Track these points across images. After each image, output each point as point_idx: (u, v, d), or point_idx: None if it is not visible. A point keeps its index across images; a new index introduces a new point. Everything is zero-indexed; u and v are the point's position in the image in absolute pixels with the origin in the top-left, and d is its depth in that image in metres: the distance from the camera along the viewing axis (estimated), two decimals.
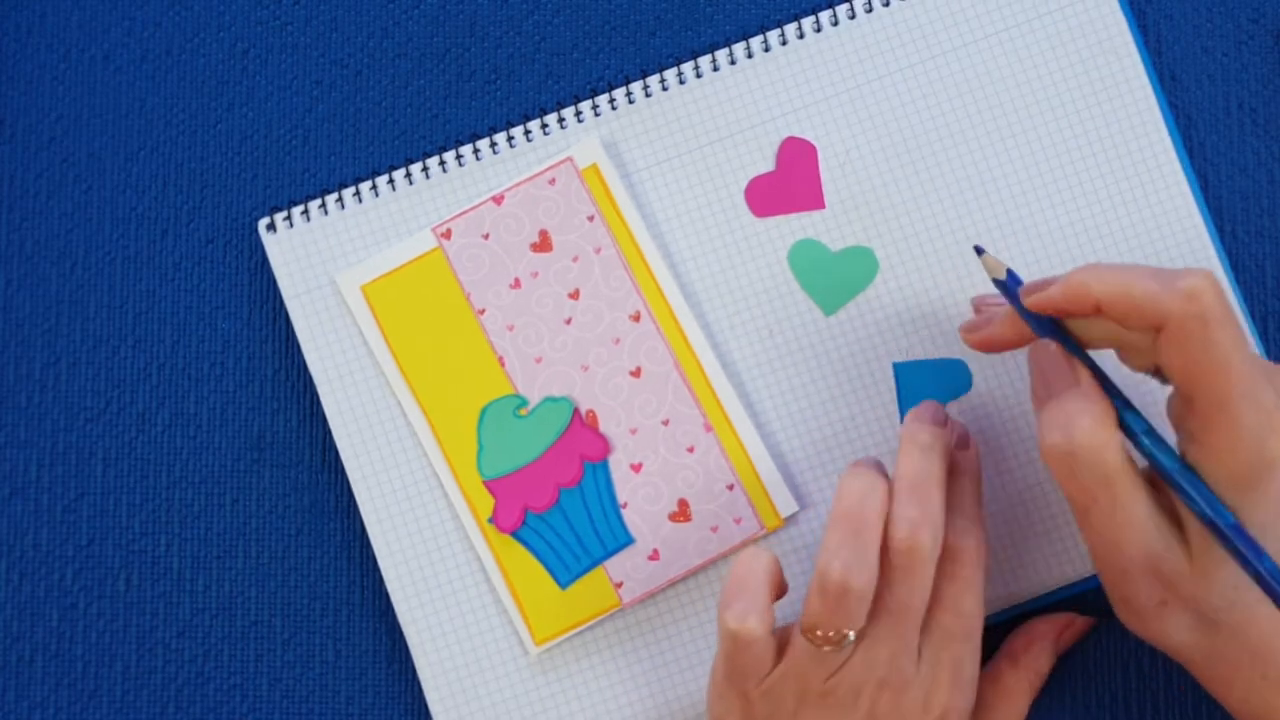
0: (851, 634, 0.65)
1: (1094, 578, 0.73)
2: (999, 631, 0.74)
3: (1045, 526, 0.73)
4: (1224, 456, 0.62)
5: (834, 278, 0.75)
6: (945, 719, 0.67)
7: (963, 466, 0.69)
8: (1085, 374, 0.64)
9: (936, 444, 0.68)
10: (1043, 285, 0.65)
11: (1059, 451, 0.63)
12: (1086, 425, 0.62)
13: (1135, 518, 0.63)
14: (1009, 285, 0.67)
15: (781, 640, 0.67)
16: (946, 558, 0.67)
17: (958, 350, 0.74)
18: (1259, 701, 0.65)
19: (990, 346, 0.70)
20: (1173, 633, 0.65)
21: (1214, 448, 0.62)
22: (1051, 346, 0.65)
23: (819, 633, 0.65)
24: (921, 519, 0.65)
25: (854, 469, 0.67)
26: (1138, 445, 0.64)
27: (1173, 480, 0.63)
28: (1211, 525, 0.61)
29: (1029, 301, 0.65)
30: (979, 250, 0.69)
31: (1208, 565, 0.63)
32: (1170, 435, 0.65)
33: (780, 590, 0.68)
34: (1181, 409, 0.63)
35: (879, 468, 0.68)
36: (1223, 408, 0.61)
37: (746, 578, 0.66)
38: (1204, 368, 0.61)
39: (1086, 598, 0.75)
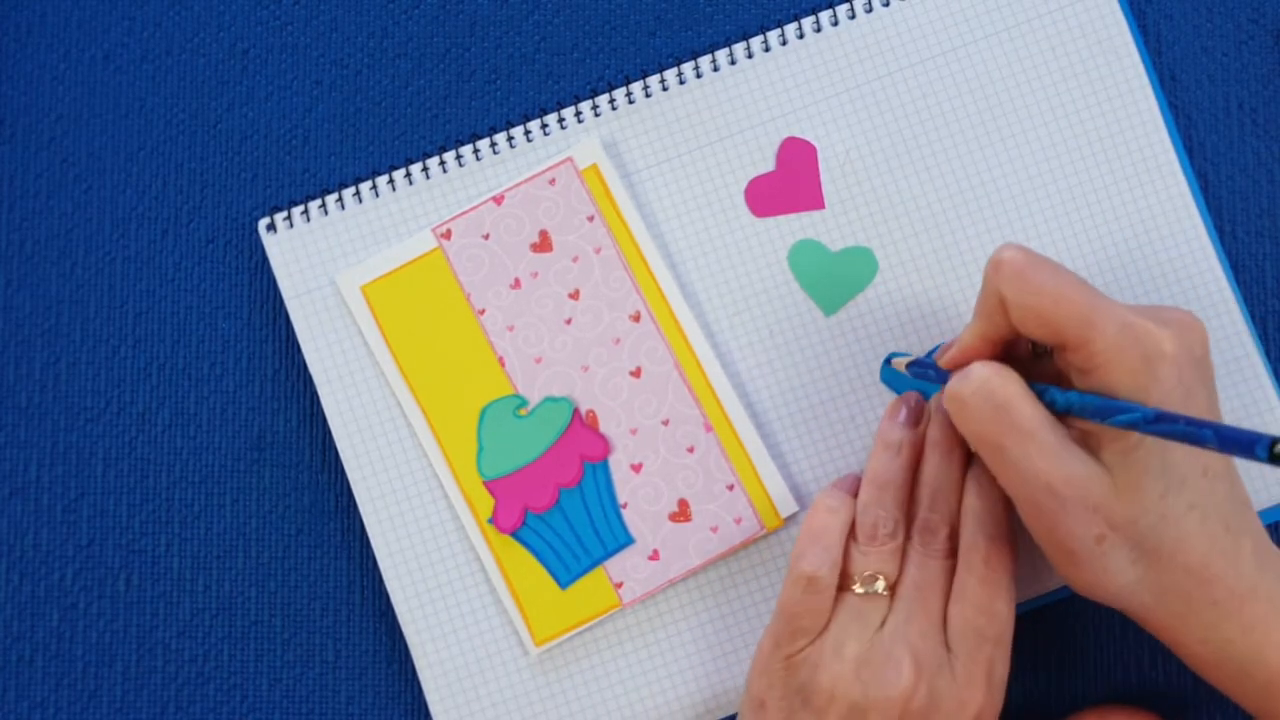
0: (882, 582, 0.69)
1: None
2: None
3: None
4: (1112, 369, 0.63)
5: (834, 278, 0.75)
6: (980, 717, 0.68)
7: (988, 477, 0.70)
8: None
9: (957, 450, 0.70)
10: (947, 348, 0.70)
11: (958, 395, 0.65)
12: (982, 370, 0.65)
13: (1049, 445, 0.64)
14: (922, 368, 0.71)
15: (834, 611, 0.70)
16: (980, 560, 0.68)
17: None
18: (1216, 637, 0.65)
19: (957, 365, 0.71)
20: (1116, 573, 0.65)
21: (1100, 366, 0.63)
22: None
23: (855, 579, 0.69)
24: (939, 519, 0.70)
25: (880, 447, 0.71)
26: (1049, 404, 0.65)
27: (1085, 407, 0.63)
28: (1135, 424, 0.62)
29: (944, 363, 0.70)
30: (888, 360, 0.73)
31: (1130, 479, 0.63)
32: None
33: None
34: (1062, 361, 0.65)
35: (909, 436, 0.72)
36: (1084, 328, 0.63)
37: (822, 532, 0.70)
38: (1045, 308, 0.63)
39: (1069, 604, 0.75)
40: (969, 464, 0.70)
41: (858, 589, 0.69)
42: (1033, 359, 0.69)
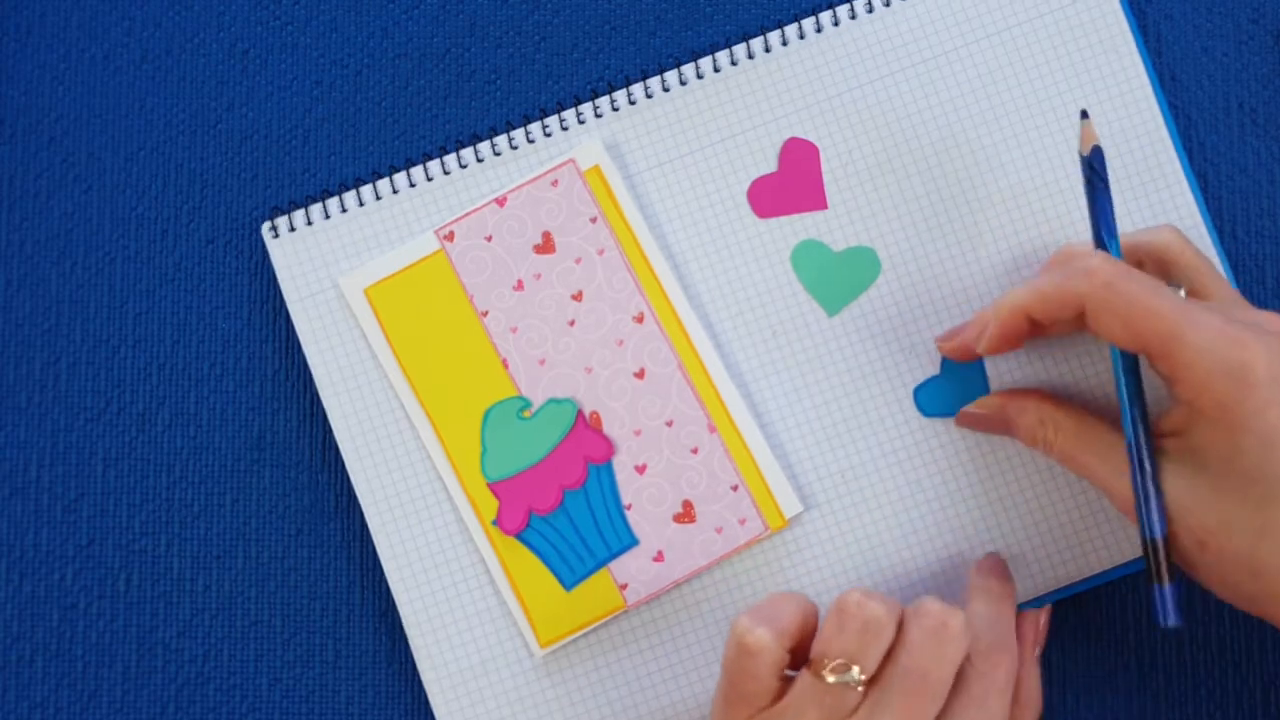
0: (858, 670, 0.63)
1: (1082, 582, 0.74)
2: None
3: (1056, 524, 0.74)
4: (1197, 384, 0.63)
5: (837, 278, 0.75)
6: None
7: (1001, 592, 0.70)
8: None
9: (1006, 594, 0.70)
10: (959, 331, 0.72)
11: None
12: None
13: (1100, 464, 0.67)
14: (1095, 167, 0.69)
15: (788, 685, 0.66)
16: (981, 658, 0.66)
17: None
18: None
19: (963, 354, 0.72)
20: (1226, 573, 0.64)
21: (1183, 380, 0.63)
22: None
23: (827, 661, 0.63)
24: (949, 606, 0.65)
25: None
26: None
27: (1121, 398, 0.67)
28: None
29: (980, 349, 0.70)
30: (1085, 114, 0.69)
31: (1219, 479, 0.64)
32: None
33: (806, 635, 0.66)
34: (1153, 368, 0.65)
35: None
36: (1170, 341, 0.63)
37: (776, 601, 0.66)
38: (1134, 320, 0.63)
39: (1086, 597, 0.75)
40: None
41: (828, 675, 0.64)
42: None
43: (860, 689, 0.63)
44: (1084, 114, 0.68)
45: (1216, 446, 0.63)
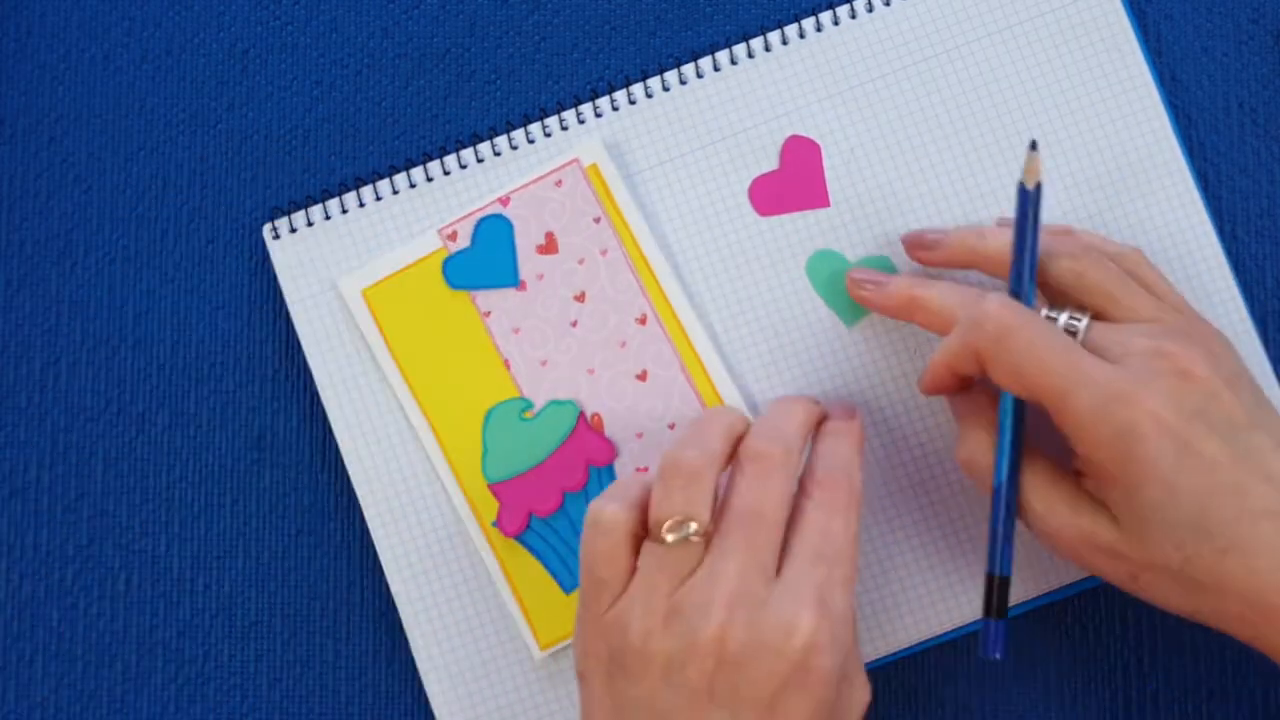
0: (694, 524, 0.64)
1: (1080, 583, 0.74)
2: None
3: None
4: (1089, 443, 0.63)
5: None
6: (814, 653, 0.62)
7: (843, 429, 0.70)
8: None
9: (812, 408, 0.71)
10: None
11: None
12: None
13: (1052, 500, 0.65)
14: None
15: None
16: (815, 486, 0.66)
17: None
18: None
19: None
20: (1165, 598, 0.64)
21: (1076, 438, 0.64)
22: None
23: (662, 524, 0.64)
24: (773, 435, 0.66)
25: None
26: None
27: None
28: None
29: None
30: (1033, 145, 0.68)
31: (1133, 527, 0.63)
32: None
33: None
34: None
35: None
36: (1059, 399, 0.63)
37: (623, 480, 0.68)
38: (1026, 376, 0.64)
39: (1070, 603, 0.75)
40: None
41: (667, 536, 0.64)
42: None
43: (699, 541, 0.64)
44: (1033, 145, 0.68)
45: (1124, 500, 0.63)
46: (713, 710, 0.62)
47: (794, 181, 0.75)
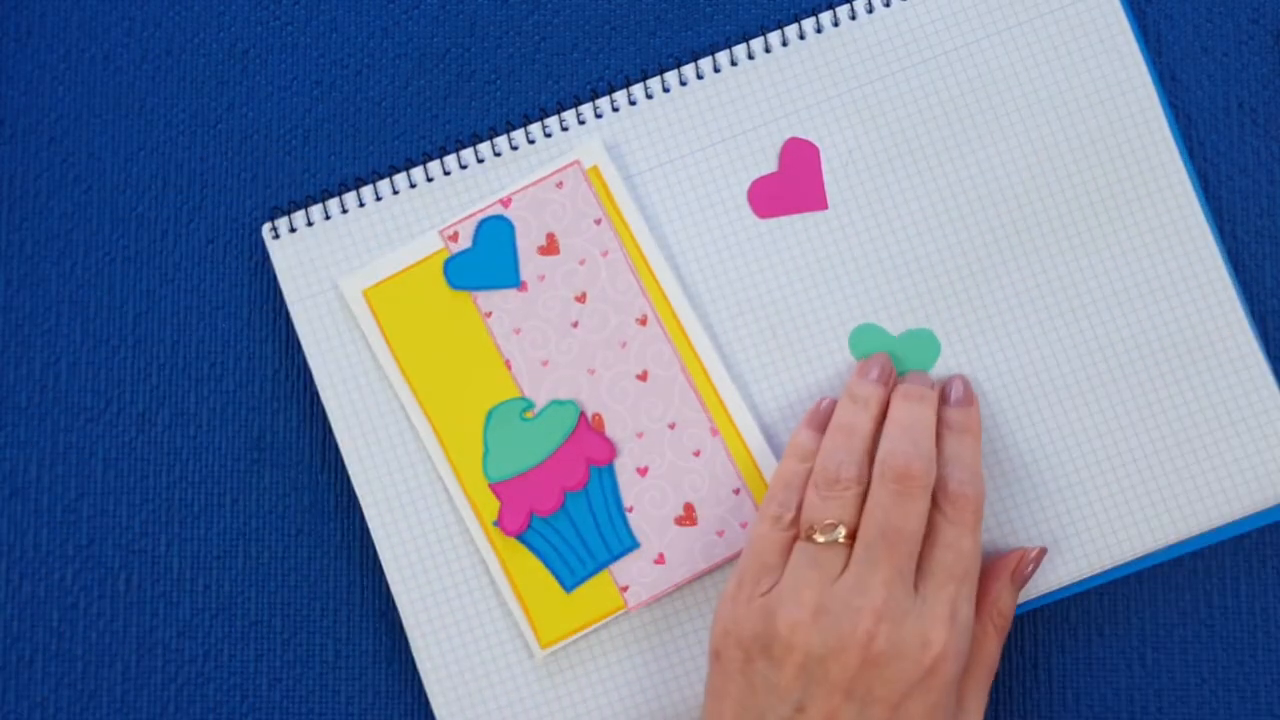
0: (842, 527, 0.69)
1: (1083, 581, 0.74)
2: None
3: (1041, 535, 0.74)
4: None
5: (896, 361, 0.75)
6: (943, 661, 0.67)
7: (964, 424, 0.72)
8: None
9: (929, 397, 0.73)
10: None
11: None
12: None
13: None
14: None
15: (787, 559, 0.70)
16: (947, 502, 0.70)
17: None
18: None
19: None
20: None
21: None
22: None
23: (814, 526, 0.69)
24: (914, 453, 0.70)
25: (846, 400, 0.73)
26: None
27: None
28: None
29: None
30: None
31: None
32: None
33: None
34: None
35: (877, 393, 0.73)
36: None
37: (792, 476, 0.71)
38: None
39: (1070, 602, 0.75)
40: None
41: (818, 537, 0.69)
42: None
43: (845, 543, 0.69)
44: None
45: None
46: (844, 704, 0.67)
47: (793, 184, 0.75)
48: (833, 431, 0.71)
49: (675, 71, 0.76)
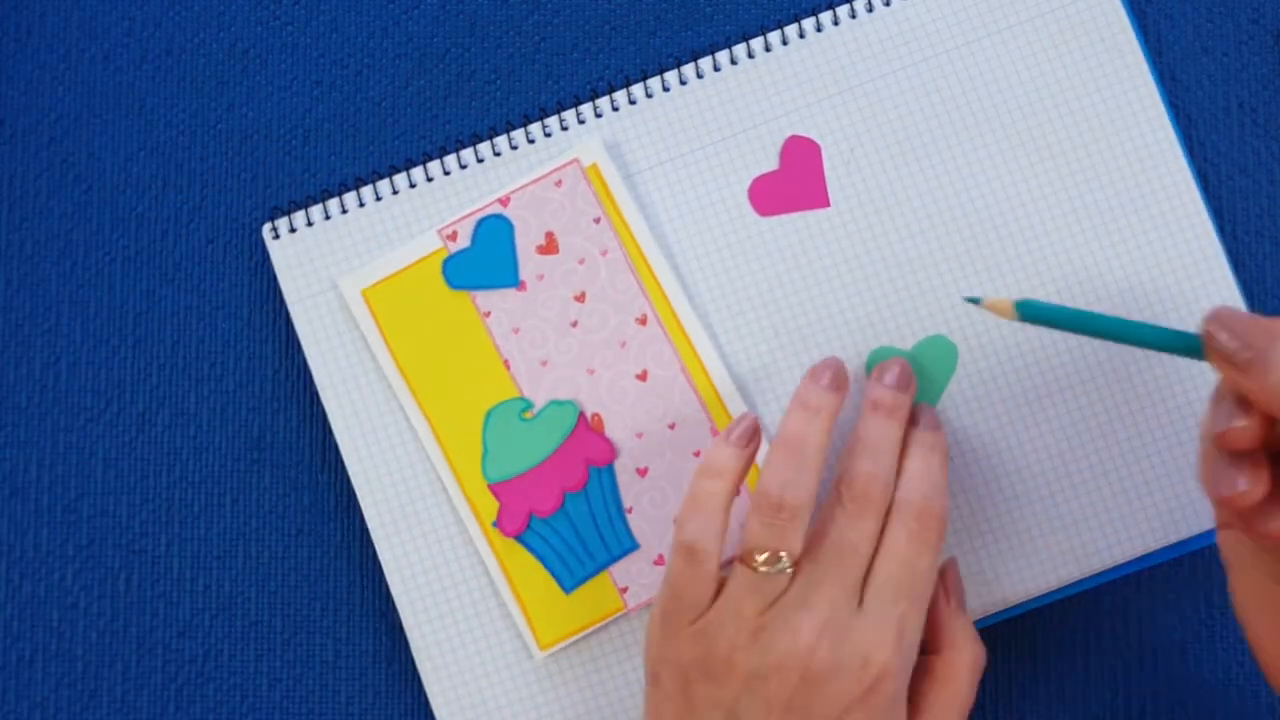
0: (786, 556, 0.66)
1: (1083, 582, 0.74)
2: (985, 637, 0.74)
3: (1026, 537, 0.74)
4: None
5: (921, 380, 0.74)
6: (884, 679, 0.65)
7: (933, 443, 0.70)
8: None
9: (899, 413, 0.70)
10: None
11: None
12: None
13: None
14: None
15: (722, 583, 0.68)
16: (912, 518, 0.68)
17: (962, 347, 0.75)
18: None
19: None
20: None
21: None
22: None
23: (756, 555, 0.66)
24: (875, 473, 0.68)
25: (797, 407, 0.69)
26: None
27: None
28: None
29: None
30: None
31: None
32: None
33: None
34: None
35: (829, 401, 0.69)
36: None
37: (705, 498, 0.68)
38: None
39: (1071, 603, 0.75)
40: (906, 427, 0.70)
41: (761, 568, 0.66)
42: None
43: (790, 570, 0.66)
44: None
45: None
46: (784, 717, 0.65)
47: (794, 182, 0.75)
48: (780, 446, 0.67)
49: (675, 71, 0.76)
